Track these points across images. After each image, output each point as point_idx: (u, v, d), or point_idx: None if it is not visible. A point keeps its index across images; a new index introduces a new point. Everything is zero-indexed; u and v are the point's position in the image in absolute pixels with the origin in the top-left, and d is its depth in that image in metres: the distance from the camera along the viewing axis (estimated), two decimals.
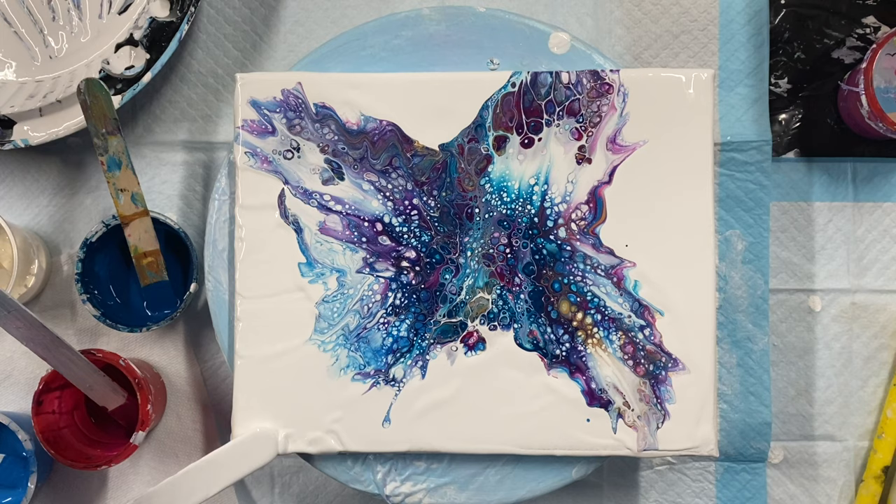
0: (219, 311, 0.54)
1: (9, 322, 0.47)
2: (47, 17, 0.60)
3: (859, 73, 0.56)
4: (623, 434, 0.51)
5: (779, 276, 0.60)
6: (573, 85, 0.51)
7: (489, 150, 0.52)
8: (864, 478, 0.60)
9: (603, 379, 0.51)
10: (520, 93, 0.52)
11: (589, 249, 0.51)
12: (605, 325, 0.51)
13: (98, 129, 0.53)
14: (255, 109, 0.52)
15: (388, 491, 0.53)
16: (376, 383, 0.51)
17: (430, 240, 0.52)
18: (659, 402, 0.51)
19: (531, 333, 0.51)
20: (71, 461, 0.54)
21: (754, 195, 0.59)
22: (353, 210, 0.52)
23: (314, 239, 0.52)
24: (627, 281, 0.51)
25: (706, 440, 0.50)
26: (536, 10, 0.60)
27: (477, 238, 0.52)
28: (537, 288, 0.51)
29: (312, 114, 0.52)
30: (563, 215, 0.51)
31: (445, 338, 0.52)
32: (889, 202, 0.61)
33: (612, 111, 0.51)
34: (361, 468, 0.53)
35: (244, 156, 0.52)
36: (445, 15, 0.54)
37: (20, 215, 0.61)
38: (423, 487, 0.53)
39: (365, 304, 0.52)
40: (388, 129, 0.52)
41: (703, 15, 0.59)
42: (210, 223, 0.54)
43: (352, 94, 0.52)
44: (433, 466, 0.53)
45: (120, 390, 0.55)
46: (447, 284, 0.52)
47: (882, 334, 0.60)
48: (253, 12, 0.61)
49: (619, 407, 0.51)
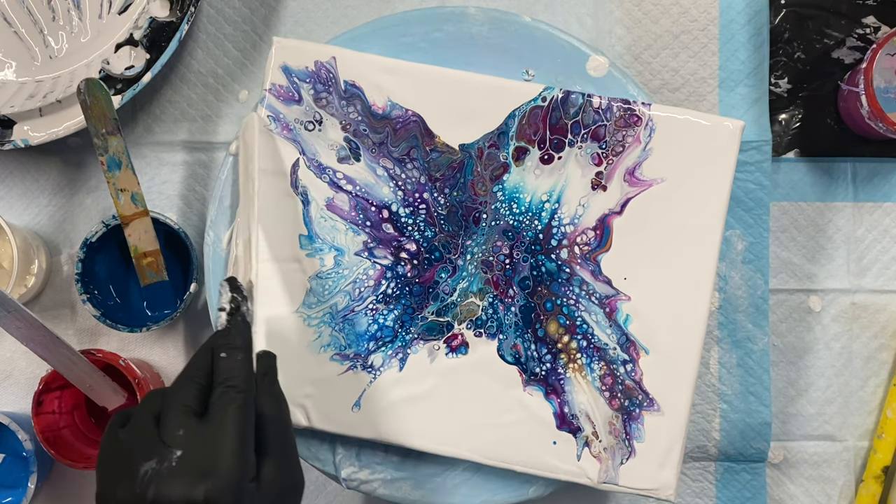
0: (214, 268, 0.53)
1: (9, 322, 0.47)
2: (47, 17, 0.60)
3: (859, 73, 0.56)
4: (586, 463, 0.50)
5: (779, 276, 0.60)
6: (603, 110, 0.51)
7: (508, 158, 0.52)
8: (864, 478, 0.60)
9: (577, 405, 0.51)
10: (549, 108, 0.51)
11: (587, 275, 0.51)
12: (590, 352, 0.51)
13: (98, 129, 0.53)
14: (285, 75, 0.52)
15: (345, 474, 0.53)
16: (353, 367, 0.51)
17: (433, 236, 0.52)
18: (627, 439, 0.50)
19: (515, 347, 0.51)
20: (71, 461, 0.54)
21: (754, 195, 0.59)
22: (362, 192, 0.52)
23: (319, 214, 0.52)
24: (619, 313, 0.51)
25: (666, 485, 0.50)
26: (536, 10, 0.60)
27: (479, 243, 0.52)
28: (529, 303, 0.51)
29: (341, 90, 0.52)
30: (568, 237, 0.51)
31: (430, 335, 0.52)
32: (889, 202, 0.61)
33: (637, 144, 0.51)
34: (322, 446, 0.53)
35: (267, 119, 0.52)
36: (490, 18, 0.54)
37: (20, 215, 0.61)
38: (380, 478, 0.53)
39: (357, 288, 0.52)
40: (413, 119, 0.52)
41: (703, 15, 0.59)
42: (220, 178, 0.54)
43: (383, 78, 0.52)
44: (393, 459, 0.53)
45: (120, 390, 0.55)
46: (441, 283, 0.52)
47: (882, 334, 0.60)
48: (253, 12, 0.61)
49: (588, 436, 0.51)
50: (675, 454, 0.50)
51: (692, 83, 0.59)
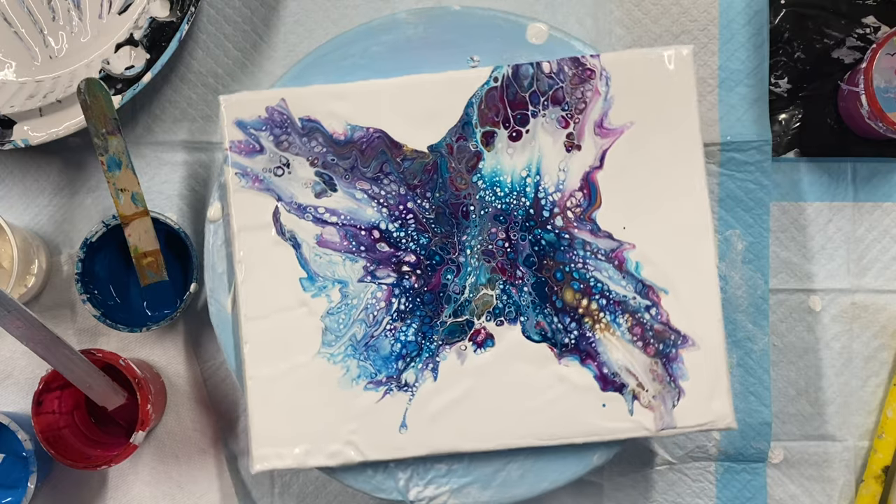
0: (223, 335, 0.54)
1: (9, 322, 0.47)
2: (47, 17, 0.60)
3: (859, 73, 0.56)
4: (640, 415, 0.50)
5: (779, 276, 0.60)
6: (555, 74, 0.51)
7: (478, 146, 0.52)
8: (864, 478, 0.60)
9: (614, 363, 0.51)
10: (503, 87, 0.51)
11: (587, 235, 0.51)
12: (611, 308, 0.51)
13: (98, 129, 0.53)
14: (241, 130, 0.52)
15: (412, 496, 0.53)
16: (389, 390, 0.51)
17: (428, 242, 0.52)
18: (672, 381, 0.50)
19: (538, 325, 0.51)
20: (71, 461, 0.54)
21: (754, 195, 0.59)
22: (348, 220, 0.52)
23: (313, 252, 0.52)
24: (629, 263, 0.51)
25: (722, 414, 0.50)
26: (536, 9, 0.60)
27: (475, 235, 0.52)
28: (540, 279, 0.51)
29: (298, 128, 0.52)
30: (558, 204, 0.51)
31: (453, 338, 0.51)
32: (889, 202, 0.61)
33: (597, 96, 0.51)
34: (383, 476, 0.53)
35: (235, 177, 0.52)
36: (422, 17, 0.54)
37: (20, 215, 0.61)
38: (447, 489, 0.53)
39: (370, 313, 0.52)
40: (376, 136, 0.52)
41: (703, 15, 0.59)
42: (207, 248, 0.54)
43: (336, 104, 0.52)
44: (454, 467, 0.53)
45: (120, 390, 0.55)
46: (450, 285, 0.52)
47: (882, 334, 0.60)
48: (253, 12, 0.61)
49: (634, 389, 0.50)
50: (723, 383, 0.50)
51: None
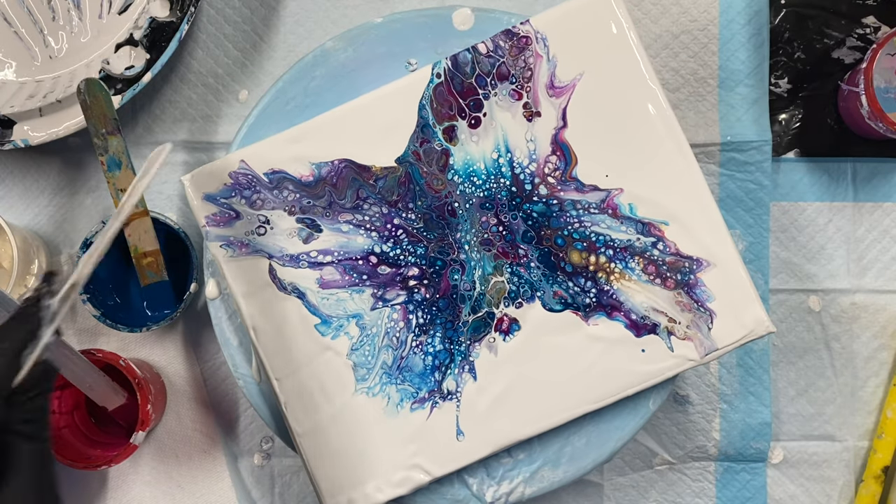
0: (259, 407, 0.54)
1: None
2: (47, 17, 0.60)
3: (859, 73, 0.56)
4: (680, 349, 0.50)
5: (779, 276, 0.60)
6: (493, 52, 0.52)
7: (443, 144, 0.52)
8: (864, 478, 0.60)
9: (640, 306, 0.51)
10: (447, 80, 0.52)
11: (574, 194, 0.51)
12: (620, 256, 0.51)
13: (98, 129, 0.53)
14: (212, 203, 0.52)
15: (490, 497, 0.53)
16: (435, 404, 0.51)
17: (425, 251, 0.52)
18: (700, 305, 0.50)
19: (556, 294, 0.51)
20: (71, 461, 0.54)
21: (754, 195, 0.59)
22: (342, 255, 0.52)
23: (319, 297, 0.52)
24: (622, 207, 0.51)
25: (759, 321, 0.50)
26: (536, 9, 0.60)
27: (468, 230, 0.52)
28: (543, 250, 0.51)
29: (266, 183, 0.52)
30: (536, 174, 0.51)
31: (479, 334, 0.52)
32: (889, 202, 0.61)
33: (539, 59, 0.51)
34: (455, 488, 0.53)
35: (221, 249, 0.52)
36: (347, 40, 0.54)
37: (20, 215, 0.61)
38: (520, 480, 0.53)
39: (392, 336, 0.52)
40: (343, 166, 0.52)
41: (703, 15, 0.59)
42: (217, 325, 0.55)
43: (294, 148, 0.52)
44: (520, 457, 0.53)
45: (120, 390, 0.55)
46: (459, 284, 0.52)
47: (882, 334, 0.60)
48: (253, 12, 0.61)
49: (667, 325, 0.51)
50: (749, 292, 0.50)
51: (692, 83, 0.59)
